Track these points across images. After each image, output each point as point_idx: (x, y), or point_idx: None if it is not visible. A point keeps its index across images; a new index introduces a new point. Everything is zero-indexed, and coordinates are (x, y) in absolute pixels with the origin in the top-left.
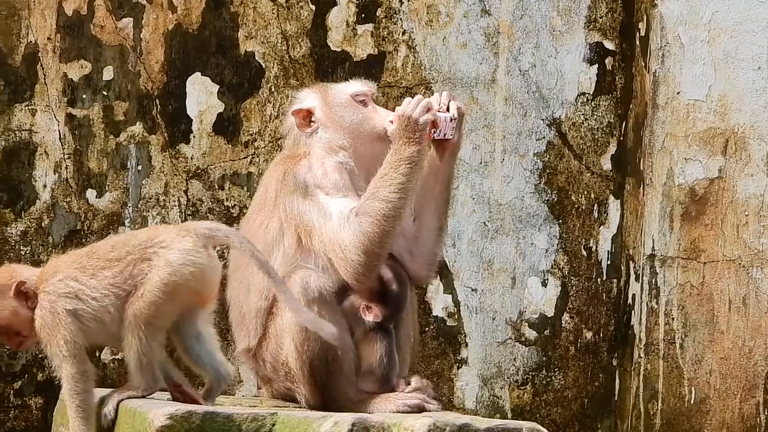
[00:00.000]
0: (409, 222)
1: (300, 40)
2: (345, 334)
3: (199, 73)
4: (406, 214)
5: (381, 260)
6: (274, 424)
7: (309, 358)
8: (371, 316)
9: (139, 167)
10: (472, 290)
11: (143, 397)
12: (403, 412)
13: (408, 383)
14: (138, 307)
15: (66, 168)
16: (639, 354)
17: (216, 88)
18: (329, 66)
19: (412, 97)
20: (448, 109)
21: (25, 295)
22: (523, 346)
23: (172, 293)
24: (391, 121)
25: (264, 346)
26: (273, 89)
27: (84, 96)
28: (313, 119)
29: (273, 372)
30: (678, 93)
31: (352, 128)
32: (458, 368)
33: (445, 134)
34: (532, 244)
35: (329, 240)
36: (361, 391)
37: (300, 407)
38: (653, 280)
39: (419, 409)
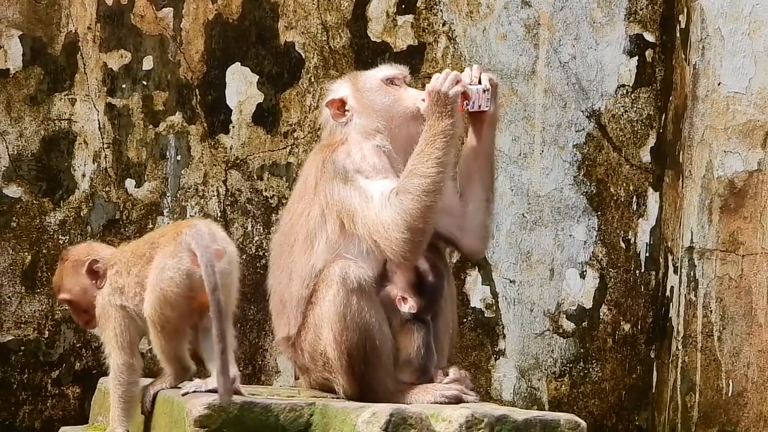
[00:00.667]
0: (455, 199)
1: (340, 31)
2: (383, 324)
3: (239, 63)
4: (446, 188)
5: (426, 237)
6: (312, 414)
7: (347, 348)
8: (406, 306)
9: (178, 157)
10: (510, 282)
11: (176, 386)
12: (440, 403)
13: (446, 374)
14: (147, 311)
15: (105, 157)
16: (677, 346)
17: (256, 78)
18: (369, 57)
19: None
20: (480, 82)
21: (96, 275)
22: (561, 338)
23: (163, 299)
24: (423, 100)
25: (302, 336)
26: (313, 80)
27: (123, 85)
28: (346, 108)
29: (311, 362)
30: (718, 85)
31: (385, 111)
32: (496, 360)
33: (480, 106)
34: (570, 235)
35: (372, 222)
36: (399, 381)
37: (338, 398)
38: (691, 273)
39: (457, 400)
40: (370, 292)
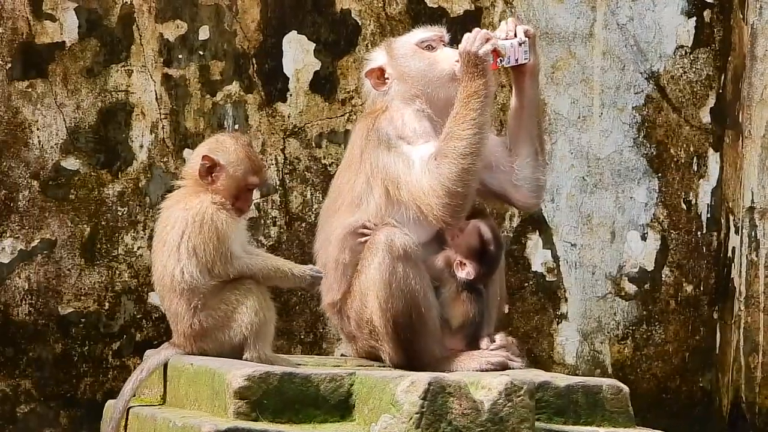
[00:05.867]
0: (504, 154)
1: None
2: (429, 291)
3: (296, 32)
4: (485, 149)
5: (466, 200)
6: (352, 384)
7: (393, 316)
8: (464, 272)
9: (236, 126)
10: (572, 245)
11: None
12: (486, 370)
13: (492, 341)
14: None
15: (162, 128)
16: (739, 307)
17: (312, 46)
18: (426, 22)
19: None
20: (516, 35)
21: None
22: (623, 301)
23: None
24: (457, 61)
25: (348, 303)
26: (369, 46)
27: (180, 56)
28: (386, 76)
29: (357, 329)
30: None
31: (420, 75)
32: (558, 323)
33: (516, 60)
34: (631, 198)
35: (414, 188)
36: (445, 348)
37: (384, 366)
38: (753, 233)
39: (503, 367)
40: (416, 259)
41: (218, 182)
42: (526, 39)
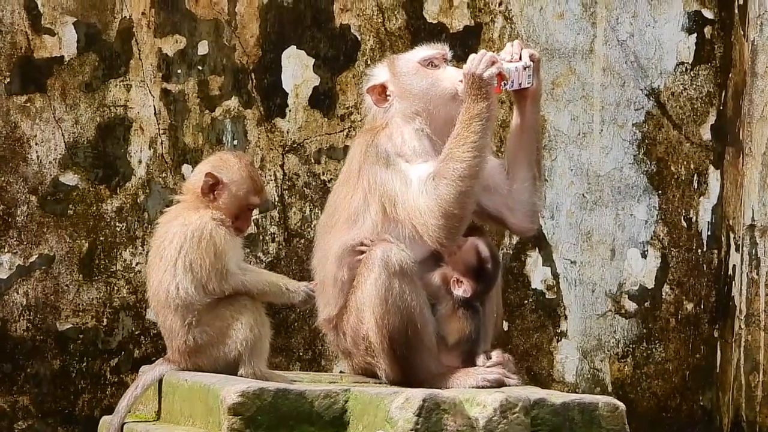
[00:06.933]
0: (502, 177)
1: (396, 12)
2: (425, 308)
3: (295, 47)
4: (487, 170)
5: (462, 222)
6: (346, 401)
7: (389, 332)
8: (461, 290)
9: (235, 142)
10: (571, 262)
11: None
12: (482, 387)
13: (489, 358)
14: None
15: (161, 143)
16: (740, 325)
17: (312, 61)
18: (425, 38)
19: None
20: (521, 59)
21: None
22: (623, 319)
23: None
24: (461, 81)
25: (345, 319)
26: (369, 62)
27: (179, 71)
28: (387, 93)
29: (353, 346)
30: None
31: (422, 94)
32: (558, 341)
33: (520, 84)
34: (631, 215)
35: (411, 207)
36: (442, 365)
37: (380, 382)
38: (753, 251)
39: (499, 384)
40: (412, 275)
41: (220, 200)
42: (531, 63)
